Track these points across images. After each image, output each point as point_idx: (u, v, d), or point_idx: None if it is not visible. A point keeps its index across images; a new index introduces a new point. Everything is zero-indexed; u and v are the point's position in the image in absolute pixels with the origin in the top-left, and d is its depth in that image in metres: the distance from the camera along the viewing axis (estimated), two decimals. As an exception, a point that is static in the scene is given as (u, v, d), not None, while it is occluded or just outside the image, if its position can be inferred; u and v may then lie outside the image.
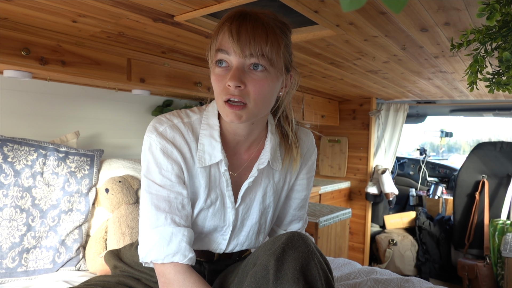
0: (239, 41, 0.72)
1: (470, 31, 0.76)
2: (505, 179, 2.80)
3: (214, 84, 0.78)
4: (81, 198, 1.47)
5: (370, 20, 1.20)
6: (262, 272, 0.71)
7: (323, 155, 3.56)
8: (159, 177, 0.80)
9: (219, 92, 0.77)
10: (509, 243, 2.24)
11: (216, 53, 0.76)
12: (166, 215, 0.78)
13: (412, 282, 1.29)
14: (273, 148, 0.88)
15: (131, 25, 1.29)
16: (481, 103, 3.17)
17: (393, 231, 3.29)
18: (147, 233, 0.79)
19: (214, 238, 0.90)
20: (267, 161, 0.86)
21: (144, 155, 0.83)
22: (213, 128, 0.84)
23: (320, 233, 1.97)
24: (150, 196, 0.80)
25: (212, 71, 0.79)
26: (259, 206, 0.90)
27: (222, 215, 0.87)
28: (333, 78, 2.33)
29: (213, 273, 0.92)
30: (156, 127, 0.82)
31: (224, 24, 0.75)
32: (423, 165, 3.82)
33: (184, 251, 0.77)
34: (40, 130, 1.68)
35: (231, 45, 0.73)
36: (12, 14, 1.19)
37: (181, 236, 0.78)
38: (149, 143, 0.81)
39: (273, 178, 0.91)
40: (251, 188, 0.88)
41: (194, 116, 0.86)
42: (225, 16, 0.77)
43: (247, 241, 0.92)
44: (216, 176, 0.85)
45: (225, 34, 0.75)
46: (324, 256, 0.77)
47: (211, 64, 0.79)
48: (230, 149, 0.87)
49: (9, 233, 1.28)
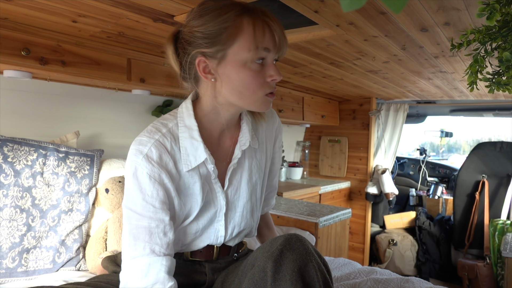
0: (281, 41, 0.80)
1: (470, 31, 0.76)
2: (505, 179, 2.80)
3: (250, 80, 0.79)
4: (81, 198, 1.47)
5: (370, 20, 1.20)
6: (260, 274, 0.71)
7: (323, 155, 3.56)
8: (142, 204, 0.78)
9: (258, 87, 0.80)
10: (509, 243, 2.24)
11: (260, 51, 0.78)
12: (145, 245, 0.77)
13: (412, 282, 1.29)
14: (249, 128, 0.93)
15: (131, 25, 1.29)
16: (481, 103, 3.17)
17: (393, 231, 3.29)
18: (126, 263, 0.78)
19: (212, 229, 0.90)
20: (248, 142, 0.90)
21: (127, 181, 0.80)
22: (192, 129, 0.84)
23: (320, 233, 1.97)
24: (130, 226, 0.78)
25: (243, 67, 0.78)
26: (247, 185, 0.93)
27: (212, 202, 0.88)
28: (333, 78, 2.33)
29: (213, 271, 0.93)
30: (141, 150, 0.79)
31: (263, 20, 0.78)
32: (423, 165, 3.82)
33: (163, 281, 0.76)
34: (40, 130, 1.68)
35: (277, 45, 0.79)
36: (12, 14, 1.19)
37: (159, 266, 0.76)
38: (134, 167, 0.78)
39: (256, 156, 0.95)
40: (237, 170, 0.92)
41: (171, 123, 0.85)
42: (244, 10, 0.77)
43: (243, 220, 0.94)
44: (205, 173, 0.87)
45: (268, 32, 0.78)
46: (322, 257, 0.77)
47: (245, 60, 0.77)
48: (215, 142, 0.90)
49: (9, 233, 1.28)
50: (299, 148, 3.68)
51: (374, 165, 3.33)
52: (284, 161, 3.20)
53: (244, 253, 1.01)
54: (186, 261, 0.91)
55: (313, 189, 2.87)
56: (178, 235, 0.88)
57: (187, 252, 0.91)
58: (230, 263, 0.96)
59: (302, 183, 3.13)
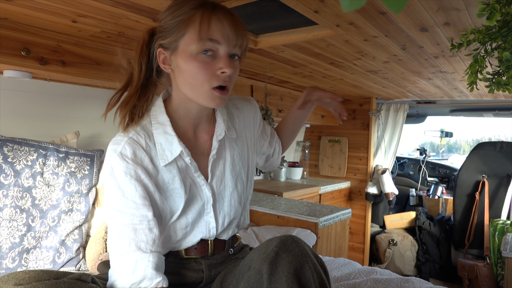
0: (231, 33, 0.79)
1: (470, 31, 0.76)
2: (505, 179, 2.80)
3: (197, 71, 0.79)
4: (81, 198, 1.47)
5: (370, 20, 1.20)
6: (256, 276, 0.71)
7: (323, 155, 3.56)
8: (122, 201, 0.79)
9: (205, 79, 0.80)
10: (509, 243, 2.23)
11: (206, 42, 0.78)
12: (130, 241, 0.78)
13: (412, 282, 1.29)
14: (224, 119, 0.94)
15: (131, 25, 1.29)
16: (481, 103, 3.17)
17: (393, 231, 3.29)
18: (113, 261, 0.79)
19: (203, 222, 0.91)
20: (223, 131, 0.92)
21: (106, 180, 0.82)
22: (165, 124, 0.86)
23: (320, 233, 1.97)
24: (114, 224, 0.80)
25: (192, 58, 0.79)
26: (231, 175, 0.94)
27: (198, 194, 0.89)
28: (333, 78, 2.33)
29: (210, 267, 0.92)
30: (115, 148, 0.81)
31: (213, 12, 0.79)
32: (423, 165, 3.82)
33: (151, 277, 0.77)
34: (40, 130, 1.68)
35: (225, 36, 0.79)
36: (12, 14, 1.19)
37: (146, 263, 0.77)
38: (110, 166, 0.81)
39: (236, 145, 0.97)
40: (219, 161, 0.93)
41: (144, 121, 0.87)
42: (196, 4, 0.79)
43: (232, 209, 0.95)
44: (183, 167, 0.87)
45: (214, 23, 0.78)
46: (319, 258, 0.77)
47: (193, 50, 0.79)
48: (192, 137, 0.91)
49: (9, 233, 1.28)
50: (299, 148, 3.68)
51: (374, 165, 3.33)
52: (284, 161, 3.20)
53: (240, 248, 1.02)
54: (182, 260, 0.91)
55: (313, 189, 2.87)
56: (168, 232, 0.88)
57: (182, 250, 0.91)
58: (226, 258, 0.96)
59: (302, 183, 3.13)
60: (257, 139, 1.07)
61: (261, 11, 1.24)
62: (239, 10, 1.18)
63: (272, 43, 1.53)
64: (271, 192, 2.63)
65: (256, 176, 2.98)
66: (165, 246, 0.88)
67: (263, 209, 2.18)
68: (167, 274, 0.83)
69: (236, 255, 0.99)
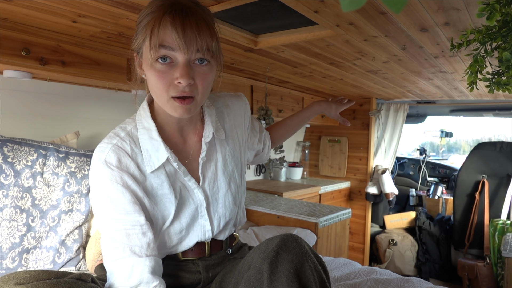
0: (186, 38, 0.71)
1: (470, 31, 0.76)
2: (505, 179, 2.80)
3: (156, 81, 0.75)
4: (81, 199, 1.47)
5: (370, 20, 1.20)
6: (256, 275, 0.70)
7: (323, 155, 3.56)
8: (112, 208, 0.78)
9: (163, 88, 0.75)
10: (509, 243, 2.24)
11: (159, 49, 0.72)
12: (124, 246, 0.77)
13: (412, 282, 1.29)
14: (213, 120, 0.92)
15: (131, 25, 1.29)
16: (481, 103, 3.17)
17: (393, 231, 3.29)
18: (109, 266, 0.78)
19: (197, 225, 0.89)
20: (211, 133, 0.90)
21: (93, 189, 0.80)
22: (150, 129, 0.84)
23: (320, 233, 1.97)
24: (107, 231, 0.78)
25: (150, 66, 0.75)
26: (223, 175, 0.93)
27: (190, 198, 0.88)
28: (333, 78, 2.33)
29: (207, 268, 0.92)
30: (99, 156, 0.80)
31: (164, 17, 0.72)
32: (423, 165, 3.82)
33: (148, 281, 0.76)
34: (40, 130, 1.68)
35: (177, 41, 0.71)
36: (12, 14, 1.19)
37: (142, 267, 0.76)
38: (95, 175, 0.79)
39: (227, 145, 0.95)
40: (210, 163, 0.91)
41: (129, 126, 0.86)
42: (156, 6, 0.74)
43: (227, 211, 0.93)
44: (172, 172, 0.86)
45: (167, 29, 0.72)
46: (319, 257, 0.76)
47: (150, 58, 0.74)
48: (179, 140, 0.89)
49: (9, 234, 1.28)
50: (299, 148, 3.68)
51: (374, 165, 3.33)
52: (284, 161, 3.20)
53: (238, 247, 1.01)
54: (179, 262, 0.91)
55: (313, 189, 2.87)
56: (163, 238, 0.87)
57: (179, 252, 0.90)
58: (224, 258, 0.95)
59: (302, 183, 3.13)
60: (247, 135, 1.05)
61: (261, 11, 1.24)
62: (239, 10, 1.19)
63: (272, 43, 1.53)
64: (271, 192, 2.63)
65: (256, 176, 2.98)
66: (160, 252, 0.87)
67: (263, 209, 2.18)
68: (164, 277, 0.83)
69: (234, 254, 0.98)
